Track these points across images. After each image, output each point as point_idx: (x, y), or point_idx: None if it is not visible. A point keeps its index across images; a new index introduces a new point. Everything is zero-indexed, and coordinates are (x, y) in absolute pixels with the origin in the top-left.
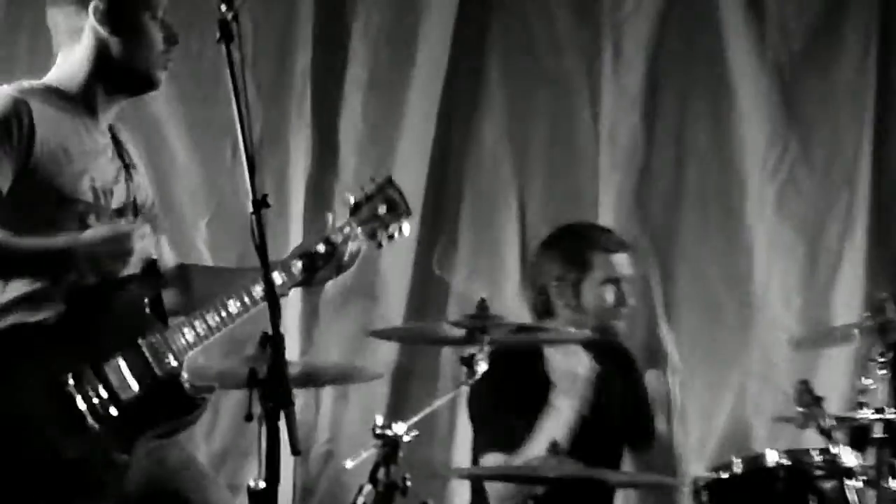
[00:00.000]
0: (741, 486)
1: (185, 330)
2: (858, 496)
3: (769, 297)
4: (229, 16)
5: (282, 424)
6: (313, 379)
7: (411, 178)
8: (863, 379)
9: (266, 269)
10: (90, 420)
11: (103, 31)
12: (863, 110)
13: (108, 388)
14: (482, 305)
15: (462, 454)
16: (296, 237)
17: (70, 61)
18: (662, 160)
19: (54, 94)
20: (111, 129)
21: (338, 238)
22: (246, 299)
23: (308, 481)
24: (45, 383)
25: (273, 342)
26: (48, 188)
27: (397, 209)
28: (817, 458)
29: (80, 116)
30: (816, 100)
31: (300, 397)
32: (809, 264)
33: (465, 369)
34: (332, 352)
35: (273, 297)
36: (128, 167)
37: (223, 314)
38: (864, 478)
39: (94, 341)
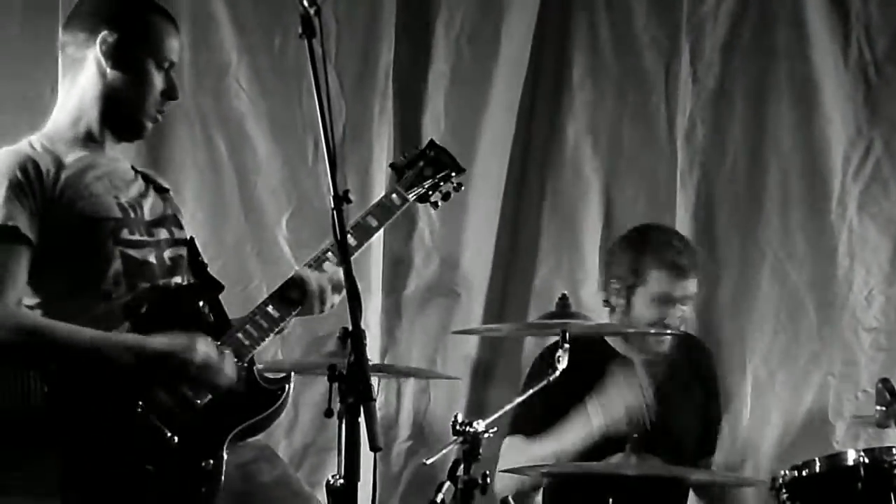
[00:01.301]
0: (821, 485)
1: (248, 327)
2: None
3: (851, 296)
4: (312, 11)
5: (362, 420)
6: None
7: (492, 176)
8: None
9: (347, 263)
10: (169, 434)
11: (105, 65)
12: None
13: (179, 398)
14: (563, 302)
15: None
16: (377, 233)
17: (71, 96)
18: (742, 159)
19: (56, 139)
20: (136, 170)
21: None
22: (307, 289)
23: (388, 478)
24: (119, 406)
25: (353, 338)
26: (72, 217)
27: (446, 168)
28: None
29: (87, 148)
30: None
31: (381, 393)
32: (892, 263)
33: (545, 365)
34: (413, 349)
35: (354, 293)
36: (158, 189)
37: (288, 306)
38: None
39: None
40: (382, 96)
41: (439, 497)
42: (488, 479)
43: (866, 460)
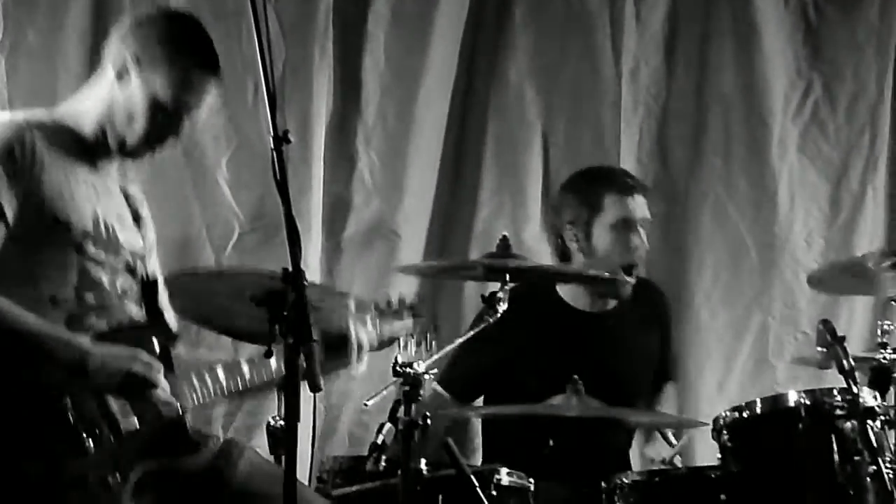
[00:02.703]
0: (762, 426)
1: (196, 381)
2: (878, 436)
3: (791, 237)
4: None
5: (302, 361)
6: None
7: (434, 117)
8: (884, 319)
9: (287, 205)
10: (87, 442)
11: (115, 84)
12: (886, 50)
13: (107, 416)
14: (504, 243)
15: None
16: (317, 174)
17: (87, 95)
18: (685, 100)
19: (63, 128)
20: (124, 191)
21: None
22: (263, 372)
23: (329, 419)
24: (46, 401)
25: (293, 279)
26: (48, 211)
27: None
28: (838, 398)
29: (83, 151)
30: (840, 40)
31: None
32: (832, 204)
33: (486, 307)
34: (353, 290)
35: (294, 234)
36: (136, 217)
37: (237, 377)
38: (885, 418)
39: None
40: (322, 37)
41: (380, 438)
42: (428, 420)
43: (807, 402)
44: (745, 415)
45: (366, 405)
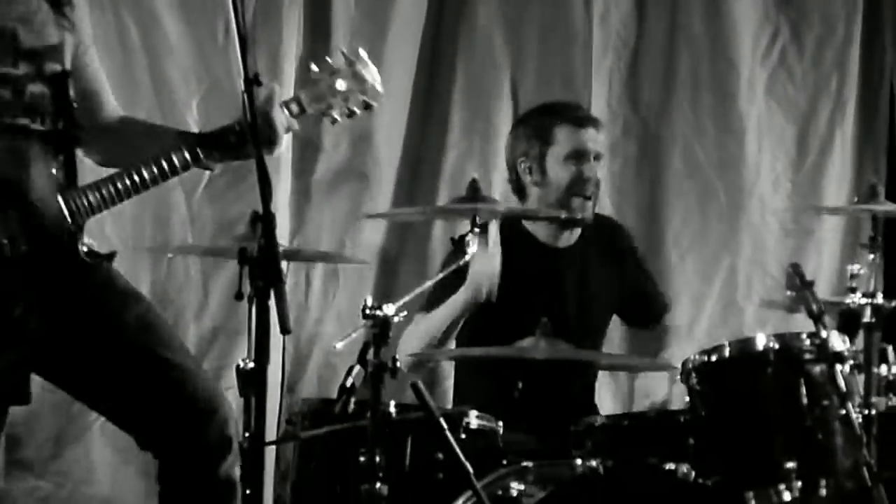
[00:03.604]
0: (730, 370)
1: (90, 193)
2: (847, 381)
3: (759, 180)
4: None
5: (272, 303)
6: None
7: (403, 59)
8: (853, 264)
9: (258, 148)
10: None
11: None
12: None
13: None
14: (473, 186)
15: None
16: None
17: None
18: (654, 42)
19: None
20: None
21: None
22: (165, 167)
23: (297, 361)
24: None
25: (263, 221)
26: None
27: (362, 86)
28: (807, 342)
29: None
30: None
31: (290, 277)
32: (799, 148)
33: (455, 250)
34: (322, 232)
35: (264, 177)
36: (58, 8)
37: (135, 179)
38: (853, 362)
39: None
40: None
41: (349, 381)
42: (398, 363)
43: (776, 345)
44: (713, 358)
45: (335, 347)
